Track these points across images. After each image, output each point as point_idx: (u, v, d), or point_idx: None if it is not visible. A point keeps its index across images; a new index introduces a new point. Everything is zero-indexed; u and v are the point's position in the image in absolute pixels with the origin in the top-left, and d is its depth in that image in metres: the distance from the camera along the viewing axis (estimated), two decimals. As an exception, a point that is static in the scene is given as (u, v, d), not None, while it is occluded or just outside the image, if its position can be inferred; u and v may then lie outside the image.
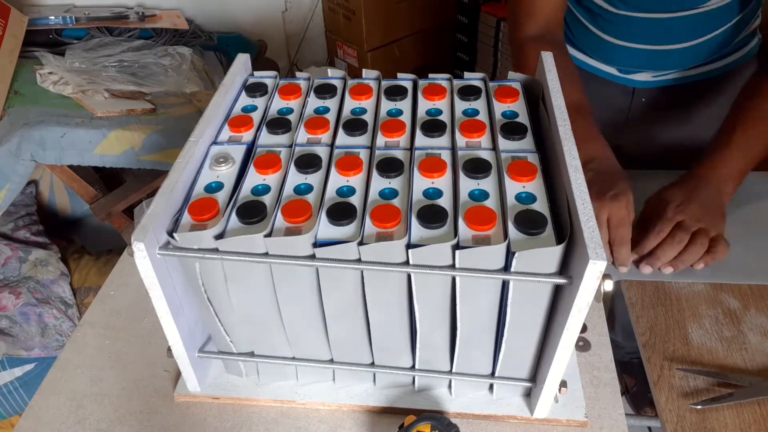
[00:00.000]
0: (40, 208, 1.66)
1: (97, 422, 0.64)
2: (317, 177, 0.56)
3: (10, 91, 1.54)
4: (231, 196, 0.54)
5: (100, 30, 1.74)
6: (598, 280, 0.46)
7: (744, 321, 0.81)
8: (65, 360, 0.71)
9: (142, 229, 0.49)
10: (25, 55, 1.64)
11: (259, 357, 0.63)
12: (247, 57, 0.71)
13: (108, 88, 1.56)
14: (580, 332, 0.51)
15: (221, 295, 0.56)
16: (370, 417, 0.64)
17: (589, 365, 0.68)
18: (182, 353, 0.60)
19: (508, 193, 0.52)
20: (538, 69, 0.67)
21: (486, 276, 0.49)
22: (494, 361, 0.60)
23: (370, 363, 0.62)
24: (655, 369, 0.76)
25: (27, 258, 1.45)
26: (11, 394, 1.34)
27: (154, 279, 0.52)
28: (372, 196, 0.53)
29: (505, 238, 0.48)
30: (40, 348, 1.37)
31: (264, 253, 0.51)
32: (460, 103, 0.64)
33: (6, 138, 1.42)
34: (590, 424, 0.62)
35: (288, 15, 2.30)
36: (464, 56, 2.36)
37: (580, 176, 0.51)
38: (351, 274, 0.52)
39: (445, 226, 0.50)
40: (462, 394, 0.65)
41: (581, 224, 0.47)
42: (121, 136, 1.48)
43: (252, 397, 0.65)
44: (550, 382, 0.57)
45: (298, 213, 0.51)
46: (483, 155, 0.57)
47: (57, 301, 1.42)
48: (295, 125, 0.63)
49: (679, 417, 0.71)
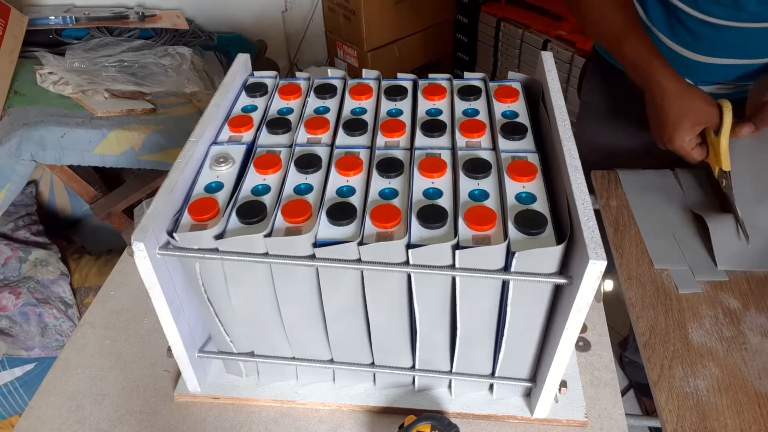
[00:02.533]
0: (40, 208, 1.66)
1: (97, 422, 0.64)
2: (317, 177, 0.56)
3: (10, 91, 1.54)
4: (231, 196, 0.54)
5: (100, 30, 1.74)
6: (598, 280, 0.46)
7: (744, 321, 0.81)
8: (65, 360, 0.71)
9: (142, 229, 0.49)
10: (25, 55, 1.64)
11: (259, 357, 0.63)
12: (247, 57, 0.71)
13: (108, 88, 1.56)
14: (580, 332, 0.51)
15: (221, 295, 0.56)
16: (370, 417, 0.64)
17: (589, 365, 0.68)
18: (182, 353, 0.60)
19: (508, 193, 0.52)
20: (538, 69, 0.67)
21: (486, 276, 0.49)
22: (494, 361, 0.60)
23: (370, 363, 0.62)
24: (655, 369, 0.76)
25: (27, 258, 1.45)
26: (11, 394, 1.34)
27: (154, 279, 0.52)
28: (372, 196, 0.53)
29: (505, 238, 0.48)
30: (40, 348, 1.37)
31: (264, 253, 0.51)
32: (460, 103, 0.64)
33: (6, 138, 1.42)
34: (590, 424, 0.62)
35: (288, 15, 2.30)
36: (464, 56, 2.36)
37: (580, 176, 0.51)
38: (351, 274, 0.52)
39: (445, 226, 0.50)
40: (462, 394, 0.64)
41: (581, 224, 0.47)
42: (121, 136, 1.48)
43: (252, 397, 0.65)
44: (550, 382, 0.57)
45: (298, 213, 0.51)
46: (483, 155, 0.57)
47: (57, 301, 1.42)
48: (295, 125, 0.63)
49: (679, 417, 0.71)
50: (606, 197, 1.04)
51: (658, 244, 0.92)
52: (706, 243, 0.90)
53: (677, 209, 0.99)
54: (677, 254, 0.90)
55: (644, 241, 0.93)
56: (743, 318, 0.81)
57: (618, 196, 1.03)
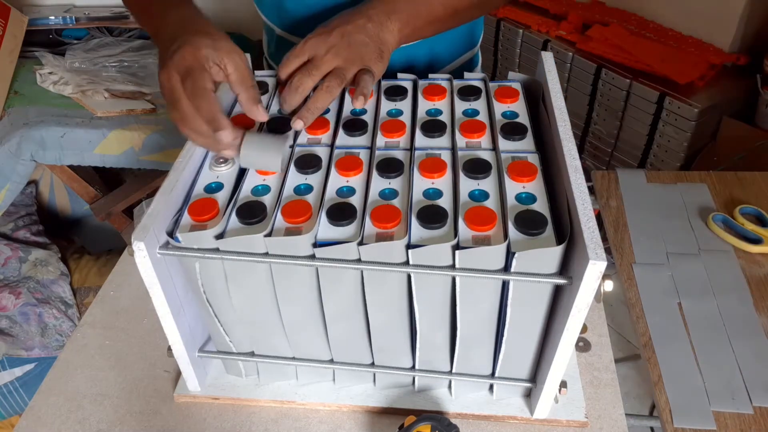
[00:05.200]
0: (40, 208, 1.66)
1: (97, 423, 0.64)
2: (317, 177, 0.56)
3: (10, 91, 1.54)
4: (231, 197, 0.54)
5: (100, 30, 1.74)
6: (598, 281, 0.46)
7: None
8: (65, 360, 0.71)
9: (142, 228, 0.49)
10: (25, 55, 1.64)
11: (259, 357, 0.63)
12: (248, 57, 0.71)
13: (108, 88, 1.56)
14: (580, 332, 0.51)
15: (221, 296, 0.56)
16: (370, 417, 0.64)
17: (589, 365, 0.68)
18: (182, 353, 0.60)
19: (508, 193, 0.52)
20: (538, 69, 0.67)
21: (486, 276, 0.49)
22: (494, 361, 0.60)
23: (370, 363, 0.62)
24: (655, 369, 0.76)
25: (27, 258, 1.45)
26: (11, 394, 1.34)
27: (154, 279, 0.52)
28: (372, 197, 0.53)
29: (505, 239, 0.48)
30: (40, 348, 1.37)
31: (264, 253, 0.51)
32: (460, 103, 0.64)
33: (6, 138, 1.42)
34: (590, 424, 0.62)
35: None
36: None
37: (581, 176, 0.51)
38: (351, 274, 0.52)
39: (445, 227, 0.50)
40: (462, 395, 0.64)
41: (581, 224, 0.47)
42: (121, 136, 1.48)
43: (252, 398, 0.65)
44: (550, 382, 0.57)
45: (298, 213, 0.51)
46: (483, 155, 0.57)
47: (57, 301, 1.42)
48: (295, 125, 0.63)
49: (679, 417, 0.71)
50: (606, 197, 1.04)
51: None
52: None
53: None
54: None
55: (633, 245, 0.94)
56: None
57: (618, 197, 1.04)
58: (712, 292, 0.87)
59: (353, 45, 0.61)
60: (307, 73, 0.60)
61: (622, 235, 0.96)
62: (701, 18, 1.71)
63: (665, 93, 1.61)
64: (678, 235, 0.96)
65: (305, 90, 0.61)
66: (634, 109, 1.70)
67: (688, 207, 1.01)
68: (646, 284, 0.88)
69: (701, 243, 0.94)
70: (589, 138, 1.92)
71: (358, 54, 0.61)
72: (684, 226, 0.98)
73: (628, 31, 1.79)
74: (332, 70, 0.60)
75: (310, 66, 0.60)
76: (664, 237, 0.96)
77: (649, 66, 1.65)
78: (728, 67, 1.69)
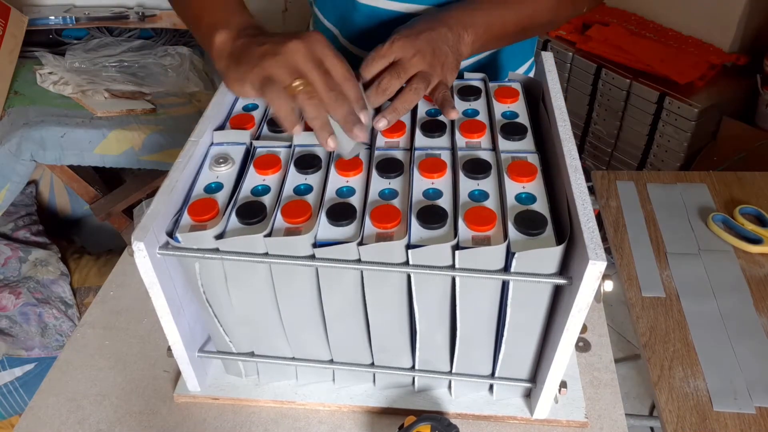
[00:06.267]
0: (40, 208, 1.66)
1: (96, 423, 0.64)
2: (317, 177, 0.56)
3: (10, 91, 1.54)
4: (231, 197, 0.54)
5: (100, 30, 1.74)
6: (598, 281, 0.46)
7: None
8: (65, 360, 0.71)
9: (142, 229, 0.49)
10: (25, 55, 1.64)
11: (259, 357, 0.63)
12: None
13: (108, 88, 1.56)
14: (580, 333, 0.51)
15: (221, 296, 0.56)
16: (370, 418, 0.64)
17: (589, 366, 0.68)
18: (182, 353, 0.60)
19: (508, 193, 0.52)
20: (538, 69, 0.67)
21: (486, 276, 0.49)
22: (494, 361, 0.60)
23: (370, 363, 0.62)
24: (655, 369, 0.76)
25: (27, 258, 1.45)
26: (11, 394, 1.34)
27: (154, 279, 0.52)
28: (372, 197, 0.53)
29: (505, 239, 0.48)
30: (40, 348, 1.37)
31: (264, 254, 0.51)
32: (460, 103, 0.64)
33: (6, 138, 1.42)
34: (590, 424, 0.62)
35: (288, 15, 2.30)
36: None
37: (581, 176, 0.51)
38: (351, 274, 0.52)
39: (445, 227, 0.50)
40: (462, 395, 0.64)
41: (581, 225, 0.47)
42: (121, 136, 1.48)
43: (252, 398, 0.65)
44: (550, 382, 0.57)
45: (298, 213, 0.51)
46: (483, 155, 0.57)
47: (57, 301, 1.42)
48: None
49: (679, 417, 0.71)
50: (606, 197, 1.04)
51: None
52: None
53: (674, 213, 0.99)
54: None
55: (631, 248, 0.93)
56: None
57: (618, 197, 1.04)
58: (712, 292, 0.87)
59: (437, 52, 0.62)
60: (396, 75, 0.61)
61: (622, 235, 0.96)
62: (701, 18, 1.71)
63: (665, 93, 1.61)
64: (678, 235, 0.96)
65: (393, 92, 0.61)
66: (634, 109, 1.71)
67: (688, 207, 1.01)
68: (647, 284, 0.88)
69: (701, 243, 0.94)
70: (589, 138, 1.92)
71: (440, 62, 0.62)
72: (684, 227, 0.98)
73: (628, 31, 1.79)
74: (417, 73, 0.62)
75: (398, 68, 0.61)
76: (664, 237, 0.96)
77: (649, 66, 1.65)
78: (728, 67, 1.69)
